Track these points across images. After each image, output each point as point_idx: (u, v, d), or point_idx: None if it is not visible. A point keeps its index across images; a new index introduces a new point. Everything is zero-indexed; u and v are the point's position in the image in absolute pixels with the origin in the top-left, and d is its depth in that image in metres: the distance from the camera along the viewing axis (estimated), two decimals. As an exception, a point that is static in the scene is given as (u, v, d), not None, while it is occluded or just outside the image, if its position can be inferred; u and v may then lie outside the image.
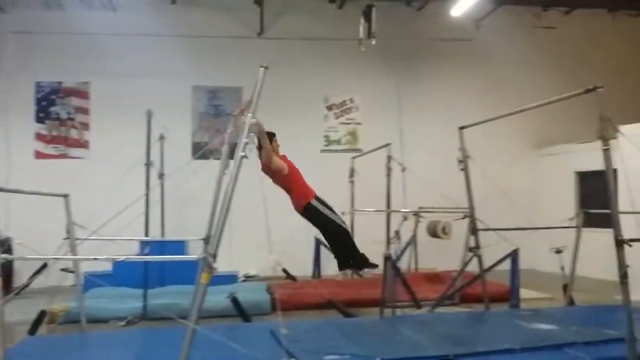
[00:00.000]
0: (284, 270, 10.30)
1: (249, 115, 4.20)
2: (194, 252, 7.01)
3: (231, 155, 4.56)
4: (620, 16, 13.82)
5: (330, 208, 6.29)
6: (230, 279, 8.73)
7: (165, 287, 9.03)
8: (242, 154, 4.13)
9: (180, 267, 7.86)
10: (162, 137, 9.30)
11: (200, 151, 11.09)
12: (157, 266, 9.03)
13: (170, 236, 9.85)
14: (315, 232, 10.60)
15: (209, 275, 4.06)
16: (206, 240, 4.60)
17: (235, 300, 7.05)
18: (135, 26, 12.06)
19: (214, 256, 4.11)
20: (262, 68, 4.24)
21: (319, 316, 7.67)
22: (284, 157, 6.41)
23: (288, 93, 12.40)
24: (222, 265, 7.80)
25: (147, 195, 7.22)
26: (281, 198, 12.16)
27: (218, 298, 7.35)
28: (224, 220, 4.15)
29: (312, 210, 6.20)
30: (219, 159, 5.05)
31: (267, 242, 4.87)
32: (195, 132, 12.38)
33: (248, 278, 11.22)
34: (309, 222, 6.37)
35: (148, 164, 7.89)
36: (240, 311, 7.11)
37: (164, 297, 8.03)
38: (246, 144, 4.13)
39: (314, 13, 12.70)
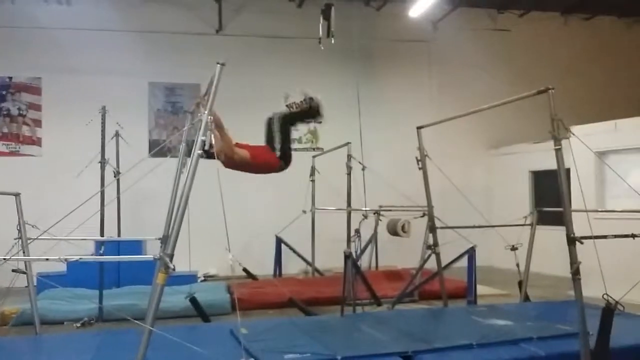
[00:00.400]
0: (245, 270, 10.21)
1: (205, 112, 4.13)
2: (152, 252, 6.88)
3: (189, 152, 4.49)
4: (573, 19, 14.26)
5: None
6: (190, 278, 8.60)
7: (122, 287, 8.85)
8: (199, 151, 4.07)
9: (136, 267, 7.75)
10: (117, 135, 9.11)
11: (157, 148, 10.90)
12: (113, 266, 8.83)
13: (126, 235, 9.65)
14: (277, 231, 10.65)
15: (165, 276, 3.98)
16: (163, 239, 4.52)
17: (194, 301, 6.95)
18: (90, 21, 11.76)
19: (171, 256, 4.02)
20: (219, 65, 4.18)
21: (280, 315, 7.64)
22: (238, 145, 6.21)
23: (247, 91, 12.32)
24: (180, 265, 7.66)
25: (102, 193, 7.04)
26: (241, 196, 12.19)
27: (177, 298, 7.24)
28: (181, 219, 4.07)
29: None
30: (176, 156, 4.96)
31: (224, 241, 4.80)
32: (153, 130, 12.15)
33: (208, 278, 11.10)
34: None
35: (103, 162, 7.70)
36: (199, 311, 7.01)
37: (121, 298, 7.86)
38: (203, 141, 4.06)
39: (273, 11, 12.64)
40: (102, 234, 7.47)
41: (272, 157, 6.06)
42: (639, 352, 5.24)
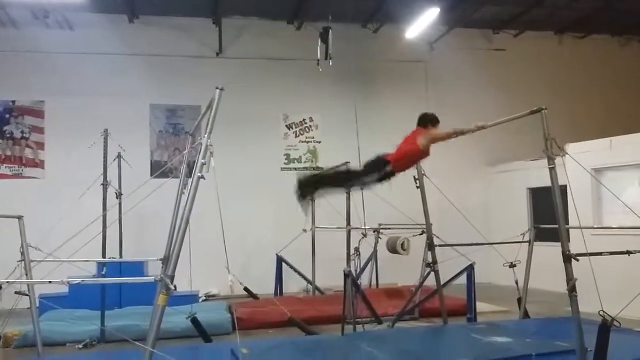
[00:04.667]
0: (245, 289, 10.22)
1: (205, 136, 4.24)
2: (153, 272, 6.95)
3: (190, 174, 4.58)
4: (567, 38, 14.46)
5: None
6: (191, 298, 8.62)
7: (124, 308, 8.87)
8: (200, 174, 4.16)
9: (138, 288, 7.79)
10: (119, 156, 9.22)
11: (160, 170, 10.99)
12: (114, 287, 8.87)
13: (128, 256, 9.69)
14: (277, 250, 10.71)
15: (166, 297, 4.04)
16: (164, 260, 4.59)
17: (195, 321, 6.98)
18: (92, 45, 11.95)
19: (171, 277, 4.09)
20: (218, 89, 4.29)
21: (281, 334, 7.67)
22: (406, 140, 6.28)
23: (248, 112, 12.49)
24: (182, 285, 7.72)
25: (104, 215, 7.12)
26: (242, 216, 12.26)
27: (178, 319, 7.27)
28: (182, 240, 4.15)
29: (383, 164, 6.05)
30: (178, 177, 5.05)
31: (225, 260, 4.87)
32: (154, 151, 12.28)
33: (209, 297, 11.12)
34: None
35: (105, 184, 7.79)
36: (200, 331, 7.04)
37: (122, 318, 7.88)
38: (203, 164, 4.16)
39: (272, 34, 12.85)
40: (104, 255, 7.52)
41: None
42: (637, 367, 5.29)
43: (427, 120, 6.04)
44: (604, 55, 14.57)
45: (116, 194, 8.70)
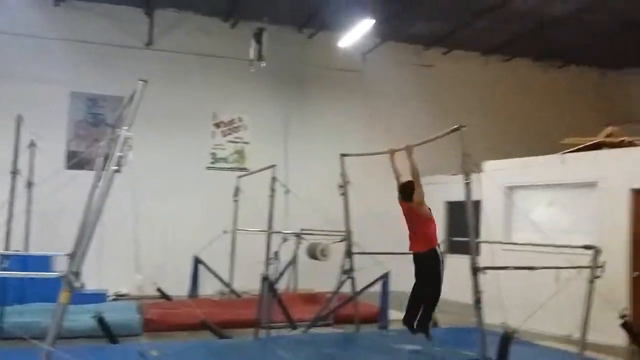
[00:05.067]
0: (159, 289, 9.97)
1: (124, 128, 4.09)
2: (63, 268, 6.62)
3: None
4: (492, 60, 15.09)
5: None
6: (99, 297, 8.31)
7: (25, 304, 8.41)
8: (115, 167, 4.01)
9: (43, 283, 7.39)
10: (32, 144, 8.74)
11: (74, 160, 10.51)
12: (17, 282, 8.38)
13: (37, 250, 9.20)
14: (195, 251, 10.49)
15: (69, 294, 3.86)
16: (72, 255, 4.37)
17: (101, 320, 6.70)
18: (13, 25, 11.27)
19: (76, 274, 3.90)
20: (141, 82, 4.16)
21: (193, 337, 7.50)
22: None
23: (176, 108, 12.20)
24: (90, 283, 7.40)
25: (10, 204, 6.72)
26: (161, 214, 11.94)
27: (84, 317, 6.97)
28: (90, 235, 3.98)
29: (434, 255, 6.09)
30: (94, 170, 4.85)
31: (140, 259, 4.72)
32: (71, 141, 11.71)
33: (119, 297, 10.72)
34: (419, 265, 6.23)
35: (15, 172, 7.36)
36: (106, 332, 6.76)
37: (23, 315, 7.47)
38: (120, 157, 4.01)
39: (206, 30, 12.61)
40: (7, 248, 7.10)
41: (436, 237, 6.34)
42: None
43: (410, 191, 6.33)
44: (526, 79, 15.34)
45: (26, 183, 8.25)
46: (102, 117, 11.79)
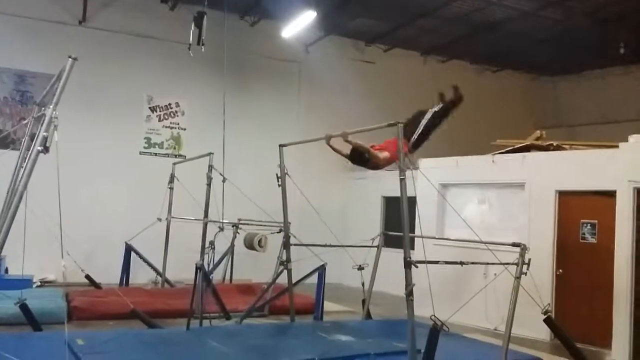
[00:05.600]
0: (87, 277, 9.60)
1: (51, 107, 3.89)
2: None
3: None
4: (430, 60, 15.45)
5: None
6: (23, 283, 7.91)
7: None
8: (40, 147, 3.81)
9: (-39, 268, 6.99)
10: (-48, 120, 8.20)
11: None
12: None
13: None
14: (127, 238, 10.15)
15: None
16: (-7, 239, 4.14)
17: (24, 307, 6.39)
18: None
19: (-2, 257, 3.70)
20: (70, 59, 3.96)
21: (122, 327, 7.28)
22: (375, 148, 6.23)
23: (109, 88, 11.76)
24: (15, 269, 7.07)
25: None
26: (91, 198, 11.49)
27: (6, 304, 6.63)
28: (12, 218, 3.77)
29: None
30: (18, 149, 4.60)
31: (67, 244, 4.51)
32: (-5, 118, 11.06)
33: (45, 283, 10.27)
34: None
35: None
36: (29, 319, 6.46)
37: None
38: (45, 137, 3.81)
39: (143, 10, 12.18)
40: None
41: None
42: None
43: (358, 156, 6.31)
44: (461, 81, 15.40)
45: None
46: (30, 95, 11.18)
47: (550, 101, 16.63)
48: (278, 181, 7.68)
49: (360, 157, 6.25)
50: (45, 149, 3.86)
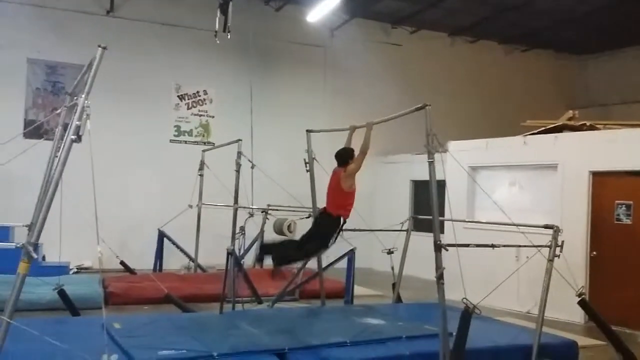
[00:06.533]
0: (122, 263, 9.82)
1: (82, 97, 3.95)
2: (22, 239, 6.44)
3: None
4: (458, 41, 15.21)
5: None
6: (61, 269, 8.14)
7: (-18, 277, 8.17)
8: (73, 137, 3.87)
9: (1, 255, 7.17)
10: (-11, 112, 8.42)
11: (30, 127, 10.15)
12: (-27, 254, 8.13)
13: (-4, 221, 8.94)
14: (160, 224, 10.34)
15: (27, 265, 3.76)
16: (30, 227, 4.25)
17: (62, 293, 6.57)
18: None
19: (34, 245, 3.80)
20: (100, 48, 4.00)
21: (156, 311, 7.44)
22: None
23: (138, 78, 11.91)
24: (52, 256, 7.24)
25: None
26: (125, 187, 11.72)
27: (44, 290, 6.83)
28: (48, 206, 3.86)
29: (337, 222, 6.10)
30: (52, 139, 4.70)
31: (102, 231, 4.61)
32: (29, 109, 11.30)
33: (81, 270, 10.54)
34: (319, 221, 6.30)
35: (-30, 140, 7.06)
36: (68, 304, 6.65)
37: (-19, 288, 7.24)
38: (78, 126, 3.87)
39: (170, -1, 12.29)
40: (-38, 218, 6.86)
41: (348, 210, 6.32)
42: (493, 352, 5.74)
43: (347, 158, 6.25)
44: (490, 61, 15.52)
45: (-19, 152, 7.93)
46: (61, 86, 11.40)
47: (581, 80, 16.25)
48: (306, 166, 7.69)
49: (343, 161, 6.24)
50: (78, 138, 3.92)
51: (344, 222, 6.20)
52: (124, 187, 11.40)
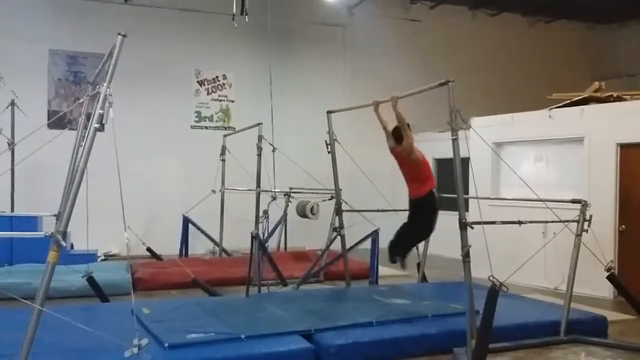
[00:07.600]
0: (148, 249, 9.96)
1: (105, 85, 3.96)
2: (50, 229, 6.57)
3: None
4: (480, 15, 14.90)
5: None
6: (89, 257, 8.27)
7: (15, 265, 8.38)
8: (97, 125, 3.89)
9: (31, 244, 7.36)
10: (13, 103, 8.55)
11: (54, 118, 10.28)
12: (5, 243, 8.34)
13: (22, 210, 9.11)
14: (184, 210, 10.43)
15: (57, 254, 3.82)
16: (58, 216, 4.32)
17: (91, 280, 6.70)
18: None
19: (63, 233, 3.85)
20: (120, 36, 4.00)
21: (184, 296, 7.54)
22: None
23: (158, 65, 11.93)
24: (80, 244, 7.34)
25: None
26: (148, 174, 11.82)
27: (74, 278, 6.97)
28: (75, 194, 3.90)
29: (432, 199, 6.41)
30: (76, 129, 4.74)
31: (127, 219, 4.66)
32: (52, 100, 11.45)
33: (109, 257, 10.73)
34: (417, 208, 6.55)
35: (-4, 132, 7.21)
36: (97, 291, 6.78)
37: (13, 276, 7.45)
38: (101, 115, 3.89)
39: (186, -16, 12.24)
40: (-8, 209, 7.01)
41: (433, 179, 6.78)
42: (521, 329, 5.69)
43: (399, 135, 6.41)
44: (513, 34, 15.18)
45: (8, 143, 8.09)
46: (83, 75, 11.50)
47: (608, 51, 15.80)
48: (327, 148, 7.67)
49: (400, 135, 6.35)
50: (102, 127, 3.95)
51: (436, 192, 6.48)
52: (147, 175, 11.51)
